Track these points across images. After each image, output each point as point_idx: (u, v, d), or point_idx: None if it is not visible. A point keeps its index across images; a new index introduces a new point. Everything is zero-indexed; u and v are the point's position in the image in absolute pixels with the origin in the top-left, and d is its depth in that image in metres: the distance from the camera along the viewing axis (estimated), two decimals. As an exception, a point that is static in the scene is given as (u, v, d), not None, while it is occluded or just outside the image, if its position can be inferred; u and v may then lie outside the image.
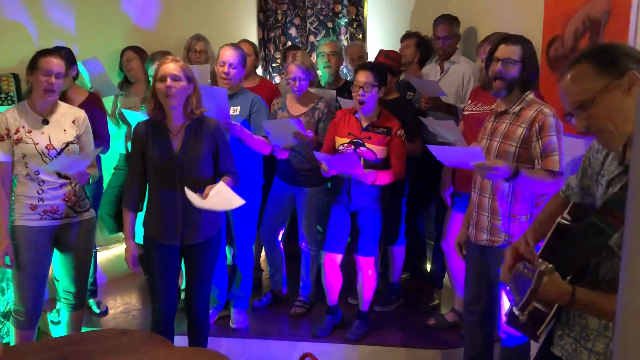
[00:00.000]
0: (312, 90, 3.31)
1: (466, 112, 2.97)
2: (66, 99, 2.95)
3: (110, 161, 3.69)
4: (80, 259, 2.72)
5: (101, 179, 3.36)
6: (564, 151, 2.20)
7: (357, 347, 3.07)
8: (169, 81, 2.36)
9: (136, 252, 2.54)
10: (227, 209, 2.52)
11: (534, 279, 1.42)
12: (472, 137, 2.60)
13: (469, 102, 3.00)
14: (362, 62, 3.66)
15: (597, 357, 1.41)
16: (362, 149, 2.88)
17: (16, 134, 2.54)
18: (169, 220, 2.47)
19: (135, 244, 2.55)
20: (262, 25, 4.82)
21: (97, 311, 3.45)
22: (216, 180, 2.52)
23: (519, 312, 1.47)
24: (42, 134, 2.57)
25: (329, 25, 4.82)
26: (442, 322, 3.21)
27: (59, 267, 2.75)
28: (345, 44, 4.61)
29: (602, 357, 1.41)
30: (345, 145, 2.92)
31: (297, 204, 3.33)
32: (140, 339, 2.14)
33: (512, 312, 1.51)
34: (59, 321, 3.18)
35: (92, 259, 3.19)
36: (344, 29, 4.81)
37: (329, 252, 3.04)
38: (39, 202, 2.58)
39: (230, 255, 3.47)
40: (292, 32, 4.85)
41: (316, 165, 2.88)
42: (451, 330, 3.16)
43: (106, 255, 3.93)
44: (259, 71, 4.47)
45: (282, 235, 3.52)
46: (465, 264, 2.58)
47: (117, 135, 3.65)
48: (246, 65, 3.12)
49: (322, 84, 3.74)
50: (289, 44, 4.75)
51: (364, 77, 2.82)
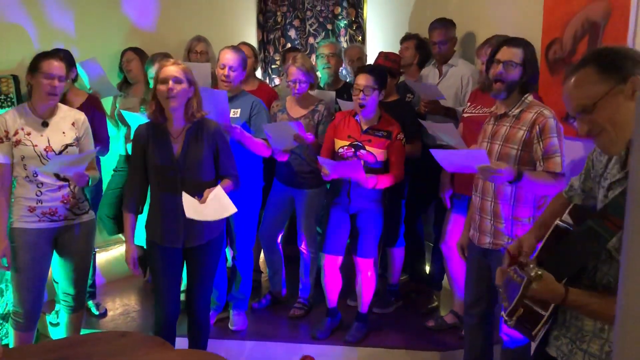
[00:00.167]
0: (312, 92, 3.31)
1: (465, 115, 2.97)
2: (65, 101, 2.94)
3: (109, 163, 3.69)
4: (79, 261, 2.72)
5: (100, 180, 3.36)
6: (565, 152, 2.21)
7: (356, 349, 3.07)
8: (171, 83, 2.35)
9: (136, 254, 2.55)
10: (219, 218, 2.41)
11: (522, 285, 1.41)
12: (471, 139, 2.61)
13: (469, 104, 3.01)
14: (362, 65, 3.67)
15: (592, 358, 1.42)
16: (361, 151, 2.88)
17: (15, 135, 2.54)
18: (171, 223, 2.47)
19: (135, 246, 2.55)
20: (261, 27, 4.83)
21: (96, 313, 3.44)
22: (217, 182, 2.52)
23: (507, 317, 1.47)
24: (41, 136, 2.56)
25: (329, 27, 4.83)
26: (441, 324, 3.21)
27: (58, 269, 2.75)
28: (344, 45, 4.62)
29: (596, 358, 1.41)
30: (345, 147, 2.92)
31: (297, 206, 3.33)
32: (139, 342, 2.13)
33: None
34: (58, 323, 3.18)
35: (91, 261, 3.18)
36: (343, 31, 4.82)
37: (328, 255, 3.04)
38: (37, 203, 2.58)
39: (229, 257, 3.47)
40: (292, 33, 4.86)
41: (316, 167, 2.88)
42: (450, 332, 3.16)
43: (105, 257, 3.93)
44: (259, 73, 4.47)
45: (281, 237, 3.52)
46: (465, 266, 2.59)
47: (116, 136, 3.65)
48: (246, 67, 3.12)
49: (322, 85, 3.74)
50: (289, 45, 4.76)
51: (364, 80, 2.81)
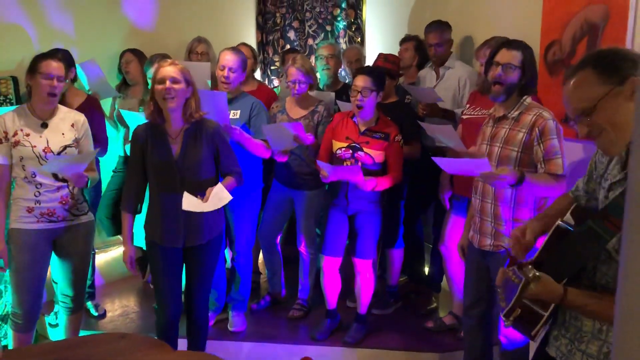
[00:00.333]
0: (312, 93, 3.31)
1: (465, 116, 2.97)
2: (64, 101, 2.94)
3: (109, 164, 3.69)
4: (78, 262, 2.71)
5: (100, 182, 3.35)
6: (565, 154, 2.21)
7: (355, 350, 3.07)
8: (168, 83, 2.36)
9: (134, 255, 2.55)
10: (215, 208, 2.43)
11: (519, 287, 1.42)
12: (470, 140, 2.60)
13: (467, 106, 3.01)
14: (360, 66, 3.67)
15: (590, 359, 1.42)
16: (359, 153, 2.89)
17: (14, 136, 2.53)
18: (171, 223, 2.47)
19: (133, 246, 2.55)
20: (260, 28, 4.83)
21: (95, 314, 3.44)
22: (219, 180, 2.53)
23: (505, 318, 1.48)
24: (40, 137, 2.56)
25: (328, 28, 4.83)
26: (440, 325, 3.21)
27: (57, 270, 2.74)
28: (343, 47, 4.62)
29: (594, 359, 1.41)
30: (342, 149, 2.92)
31: (296, 207, 3.33)
32: (138, 343, 2.13)
33: None
34: (57, 324, 3.17)
35: (90, 262, 3.18)
36: (342, 32, 4.82)
37: (327, 256, 3.04)
38: (35, 204, 2.57)
39: (229, 258, 3.47)
40: (291, 35, 4.86)
41: (315, 168, 2.88)
42: (449, 333, 3.16)
43: (104, 258, 3.93)
44: (258, 74, 4.47)
45: (280, 238, 3.52)
46: (464, 268, 2.59)
47: (115, 137, 3.65)
48: (246, 69, 3.12)
49: (321, 86, 3.74)
50: (288, 47, 4.76)
51: (362, 82, 2.82)
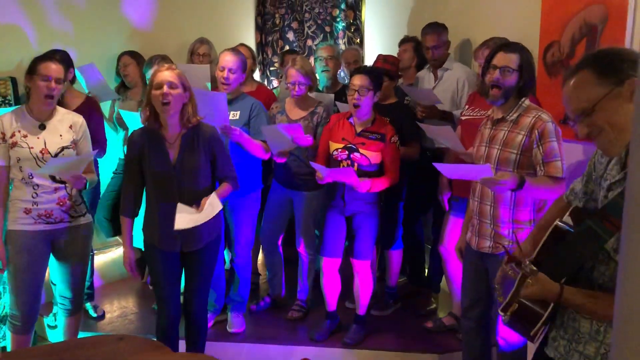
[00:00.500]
0: (311, 94, 3.31)
1: (464, 117, 2.97)
2: (63, 103, 2.93)
3: (108, 165, 3.69)
4: (76, 264, 2.70)
5: (99, 183, 3.35)
6: (564, 156, 2.21)
7: (354, 352, 3.07)
8: (165, 88, 2.35)
9: (134, 258, 2.54)
10: (209, 218, 2.39)
11: (516, 281, 1.44)
12: (470, 142, 2.60)
13: (466, 107, 3.01)
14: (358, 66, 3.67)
15: None
16: (355, 154, 2.88)
17: (11, 138, 2.53)
18: (168, 229, 2.45)
19: (133, 250, 2.55)
20: (260, 29, 4.83)
21: (94, 315, 3.44)
22: (215, 185, 2.52)
23: (502, 312, 1.50)
24: (37, 138, 2.56)
25: (327, 29, 4.83)
26: (440, 325, 3.21)
27: (56, 272, 2.74)
28: (343, 48, 4.62)
29: None
30: (339, 150, 2.92)
31: (295, 208, 3.32)
32: (137, 345, 2.12)
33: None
34: (55, 325, 3.16)
35: (89, 263, 3.17)
36: (341, 33, 4.82)
37: (327, 257, 3.04)
38: (33, 206, 2.56)
39: (228, 259, 3.47)
40: (290, 36, 4.86)
41: (314, 169, 2.88)
42: (448, 334, 3.16)
43: (103, 259, 3.92)
44: (257, 75, 4.47)
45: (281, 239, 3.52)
46: (462, 269, 2.58)
47: (115, 139, 3.65)
48: (246, 70, 3.12)
49: (320, 88, 3.74)
50: (287, 48, 4.76)
51: (359, 81, 2.83)
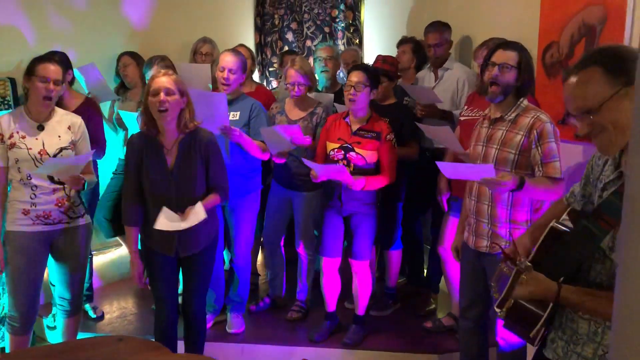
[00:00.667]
0: (311, 95, 3.31)
1: (462, 118, 2.97)
2: (62, 104, 2.93)
3: (108, 166, 3.69)
4: (74, 265, 2.70)
5: (97, 184, 3.35)
6: (562, 157, 2.21)
7: (353, 352, 3.07)
8: (162, 95, 2.34)
9: (142, 268, 2.52)
10: (190, 225, 2.37)
11: (511, 276, 1.45)
12: (468, 142, 2.60)
13: (465, 107, 3.01)
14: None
15: None
16: (351, 153, 2.88)
17: (10, 139, 2.53)
18: (164, 235, 2.46)
19: (141, 260, 2.52)
20: (259, 29, 4.83)
21: (93, 316, 3.44)
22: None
23: (498, 308, 1.51)
24: (36, 139, 2.56)
25: (326, 30, 4.83)
26: (439, 326, 3.21)
27: (54, 273, 2.74)
28: (342, 48, 4.62)
29: None
30: (335, 150, 2.92)
31: (294, 208, 3.32)
32: (136, 346, 2.12)
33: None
34: (54, 326, 3.16)
35: (88, 264, 3.17)
36: (340, 34, 4.82)
37: (326, 257, 3.04)
38: (31, 207, 2.56)
39: (227, 259, 3.46)
40: (289, 36, 4.86)
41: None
42: (448, 334, 3.16)
43: (102, 260, 3.92)
44: (256, 76, 4.47)
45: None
46: (460, 269, 2.58)
47: (115, 140, 3.65)
48: (246, 70, 3.12)
49: (320, 88, 3.74)
50: (286, 48, 4.76)
51: (355, 77, 2.85)
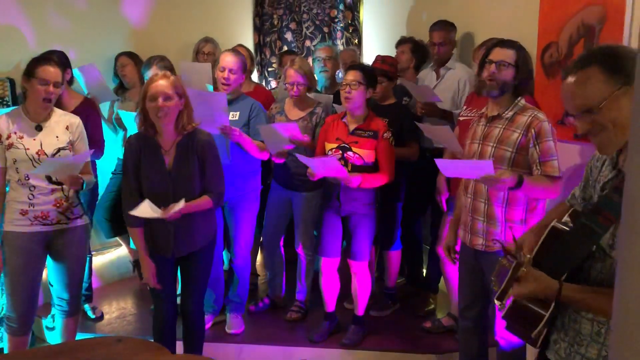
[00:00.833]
0: (310, 95, 3.31)
1: (461, 118, 2.97)
2: (61, 104, 2.92)
3: (107, 166, 3.69)
4: (72, 266, 2.69)
5: (96, 184, 3.35)
6: (559, 156, 2.21)
7: (353, 352, 3.07)
8: (160, 101, 2.33)
9: (155, 269, 2.49)
10: (164, 217, 2.33)
11: (511, 269, 1.46)
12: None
13: (464, 107, 3.01)
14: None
15: None
16: (349, 153, 2.88)
17: (8, 139, 2.53)
18: (162, 235, 2.46)
19: (152, 261, 2.48)
20: (258, 30, 4.82)
21: (93, 316, 3.43)
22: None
23: (497, 302, 1.51)
24: (33, 140, 2.55)
25: (325, 30, 4.83)
26: (438, 326, 3.21)
27: (53, 273, 2.73)
28: (341, 48, 4.62)
29: None
30: (332, 150, 2.92)
31: (294, 208, 3.32)
32: (135, 347, 2.12)
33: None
34: (53, 327, 3.16)
35: (87, 265, 3.16)
36: (339, 34, 4.82)
37: (325, 257, 3.04)
38: (29, 207, 2.56)
39: (227, 259, 3.46)
40: (288, 36, 4.86)
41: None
42: (447, 334, 3.16)
43: (101, 260, 3.92)
44: (255, 76, 4.47)
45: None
46: (458, 269, 2.58)
47: (114, 140, 3.65)
48: (246, 70, 3.12)
49: (319, 88, 3.74)
50: (285, 48, 4.76)
51: (352, 76, 2.86)
